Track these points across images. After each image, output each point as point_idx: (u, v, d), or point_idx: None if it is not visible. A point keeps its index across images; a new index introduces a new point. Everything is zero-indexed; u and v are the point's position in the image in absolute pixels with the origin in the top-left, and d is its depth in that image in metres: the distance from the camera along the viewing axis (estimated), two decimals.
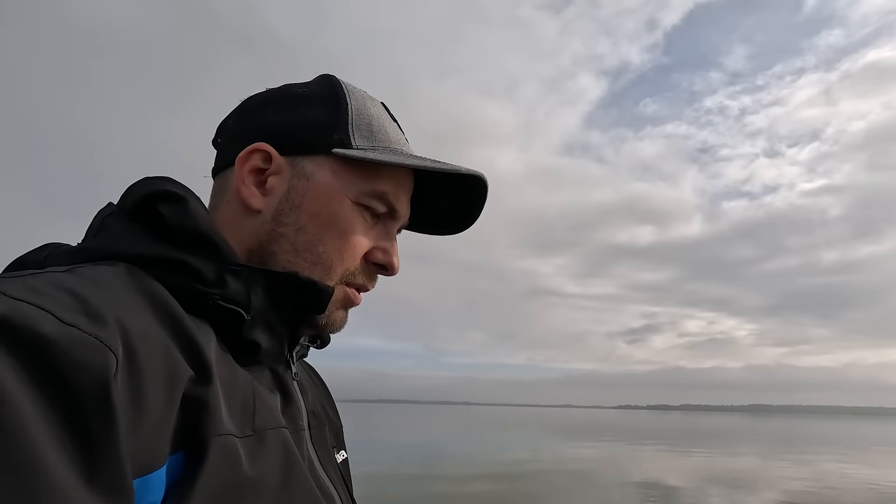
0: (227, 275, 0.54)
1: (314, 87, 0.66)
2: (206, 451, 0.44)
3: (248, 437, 0.50)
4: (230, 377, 0.52)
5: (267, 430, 0.53)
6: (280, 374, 0.62)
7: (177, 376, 0.44)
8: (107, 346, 0.38)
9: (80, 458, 0.35)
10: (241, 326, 0.55)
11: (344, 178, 0.62)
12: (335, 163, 0.62)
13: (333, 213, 0.61)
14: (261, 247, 0.61)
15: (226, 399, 0.49)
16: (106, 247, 0.52)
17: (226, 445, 0.46)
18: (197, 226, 0.55)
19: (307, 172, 0.61)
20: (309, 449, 0.62)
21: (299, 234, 0.61)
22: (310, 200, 0.61)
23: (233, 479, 0.46)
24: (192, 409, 0.45)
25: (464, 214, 0.74)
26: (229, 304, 0.54)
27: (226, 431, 0.46)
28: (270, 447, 0.52)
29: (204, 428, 0.45)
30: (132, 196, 0.56)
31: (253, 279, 0.56)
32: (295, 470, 0.54)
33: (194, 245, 0.54)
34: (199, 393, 0.45)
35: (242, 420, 0.50)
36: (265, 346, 0.57)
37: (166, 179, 0.57)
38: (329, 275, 0.61)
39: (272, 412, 0.55)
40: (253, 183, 0.62)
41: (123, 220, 0.55)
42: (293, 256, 0.60)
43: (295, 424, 0.60)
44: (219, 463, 0.45)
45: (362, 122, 0.64)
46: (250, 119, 0.65)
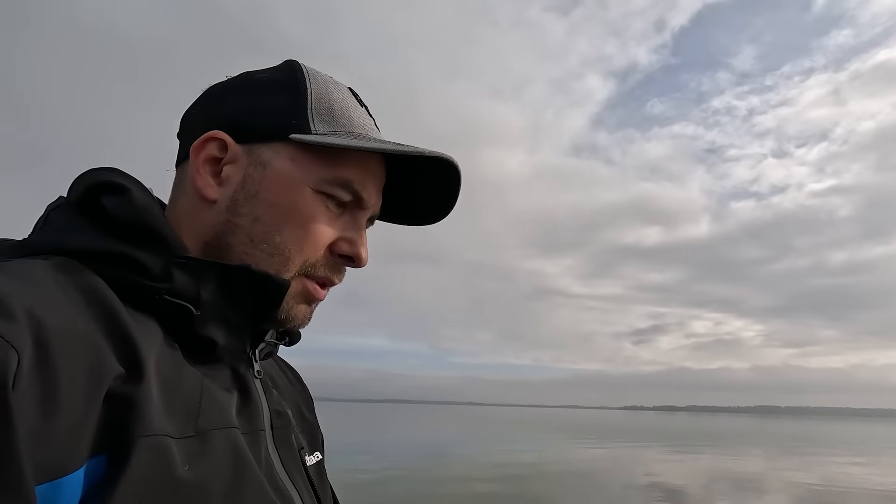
0: (173, 268, 0.52)
1: (274, 72, 0.63)
2: (131, 452, 0.41)
3: (188, 437, 0.47)
4: (173, 375, 0.49)
5: (213, 431, 0.50)
6: (241, 373, 0.60)
7: (101, 374, 0.41)
8: (8, 342, 0.36)
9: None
10: (191, 322, 0.52)
11: (303, 166, 0.59)
12: (294, 149, 0.59)
13: (292, 202, 0.58)
14: (216, 239, 0.58)
15: (164, 398, 0.46)
16: (48, 241, 0.51)
17: (155, 447, 0.43)
18: (141, 217, 0.53)
19: (264, 160, 0.59)
20: (269, 450, 0.59)
21: (255, 224, 0.58)
22: (266, 189, 0.58)
23: (164, 482, 0.43)
24: (119, 409, 0.42)
25: (439, 203, 0.70)
26: (176, 298, 0.51)
27: (157, 432, 0.44)
28: (216, 448, 0.49)
29: (130, 428, 0.42)
30: (77, 188, 0.54)
31: (202, 273, 0.54)
32: (245, 472, 0.51)
33: (139, 238, 0.52)
34: (127, 392, 0.43)
35: (184, 420, 0.48)
36: (221, 342, 0.55)
37: (111, 170, 0.55)
38: (287, 266, 0.58)
39: (222, 412, 0.52)
40: (208, 173, 0.59)
41: (68, 213, 0.53)
42: (249, 248, 0.58)
43: (251, 425, 0.57)
44: (145, 465, 0.42)
45: (322, 107, 0.61)
46: (209, 108, 0.63)
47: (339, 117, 0.61)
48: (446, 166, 0.64)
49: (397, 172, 0.67)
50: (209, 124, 0.60)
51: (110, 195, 0.53)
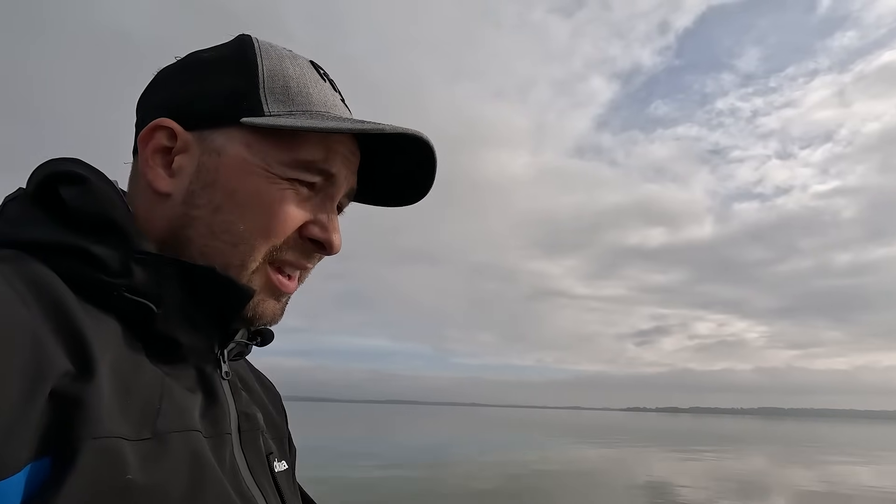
0: (133, 264, 0.49)
1: (223, 50, 0.59)
2: (77, 455, 0.38)
3: (144, 440, 0.44)
4: (130, 374, 0.46)
5: (171, 433, 0.47)
6: (207, 374, 0.56)
7: (43, 370, 0.38)
8: None
9: None
10: (152, 321, 0.49)
11: (260, 151, 0.54)
12: (248, 134, 0.54)
13: (254, 189, 0.54)
14: (173, 232, 0.55)
15: (118, 398, 0.43)
16: (2, 233, 0.48)
17: (105, 449, 0.40)
18: (100, 209, 0.50)
19: (217, 147, 0.54)
20: (235, 454, 0.55)
21: (216, 214, 0.54)
22: (224, 177, 0.54)
23: (113, 486, 0.40)
24: (65, 409, 0.39)
25: (417, 181, 0.66)
26: (135, 296, 0.48)
27: (108, 434, 0.41)
28: (174, 451, 0.46)
29: (77, 429, 0.39)
30: (34, 179, 0.51)
31: (164, 270, 0.50)
32: (206, 476, 0.48)
33: (97, 231, 0.49)
34: (75, 390, 0.40)
35: (140, 421, 0.44)
36: (185, 342, 0.52)
37: (72, 160, 0.52)
38: (252, 255, 0.55)
39: (183, 414, 0.49)
40: (159, 164, 0.55)
41: (24, 205, 0.50)
42: (210, 239, 0.54)
43: (216, 428, 0.53)
44: (93, 468, 0.39)
45: (276, 85, 0.56)
46: (156, 94, 0.59)
47: (296, 95, 0.56)
48: (419, 143, 0.59)
49: (371, 151, 0.63)
50: (156, 112, 0.56)
51: (68, 185, 0.50)
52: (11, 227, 0.49)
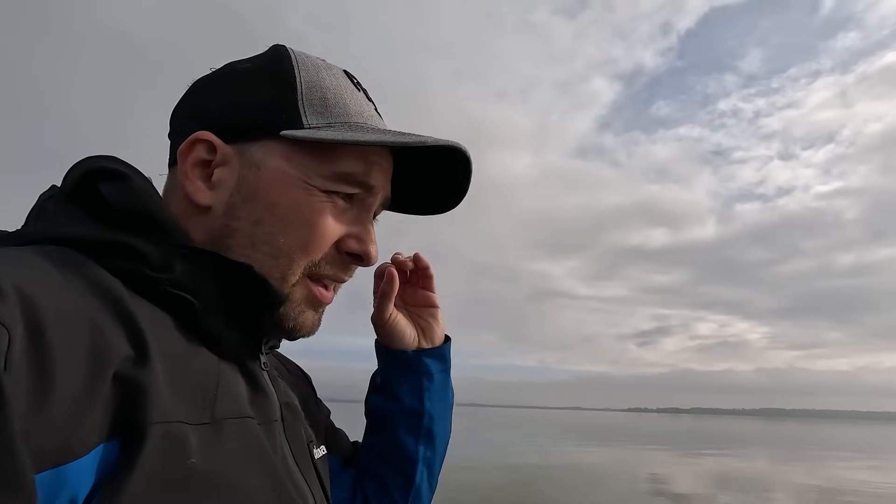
0: (174, 259, 0.49)
1: (259, 61, 0.59)
2: (145, 437, 0.39)
3: (203, 424, 0.45)
4: (185, 362, 0.47)
5: (228, 419, 0.48)
6: (247, 365, 0.57)
7: (106, 354, 0.39)
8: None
9: None
10: (193, 314, 0.50)
11: (300, 164, 0.55)
12: (287, 147, 0.54)
13: (294, 202, 0.54)
14: (213, 242, 0.55)
15: (177, 384, 0.44)
16: (42, 231, 0.48)
17: (170, 433, 0.41)
18: (141, 205, 0.50)
19: (257, 161, 0.55)
20: (282, 441, 0.57)
21: (257, 227, 0.54)
22: (264, 191, 0.54)
23: (178, 469, 0.41)
24: (129, 393, 0.39)
25: (451, 190, 0.67)
26: (177, 290, 0.49)
27: (171, 418, 0.42)
28: (231, 437, 0.47)
29: (143, 413, 0.40)
30: (72, 176, 0.51)
31: (204, 264, 0.51)
32: (261, 462, 0.49)
33: (139, 226, 0.49)
34: (136, 374, 0.40)
35: (200, 407, 0.46)
36: (223, 335, 0.52)
37: (109, 157, 0.53)
38: (291, 269, 0.55)
39: (236, 400, 0.51)
40: (198, 177, 0.55)
41: (63, 203, 0.51)
42: (250, 251, 0.54)
43: (265, 415, 0.55)
44: (161, 451, 0.40)
45: (314, 97, 0.56)
46: (193, 105, 0.59)
47: (334, 107, 0.57)
48: (456, 154, 0.60)
49: (403, 160, 0.63)
50: (195, 124, 0.56)
51: (108, 182, 0.50)
52: (53, 224, 0.49)
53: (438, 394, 0.81)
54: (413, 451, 0.79)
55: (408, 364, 0.79)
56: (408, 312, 0.81)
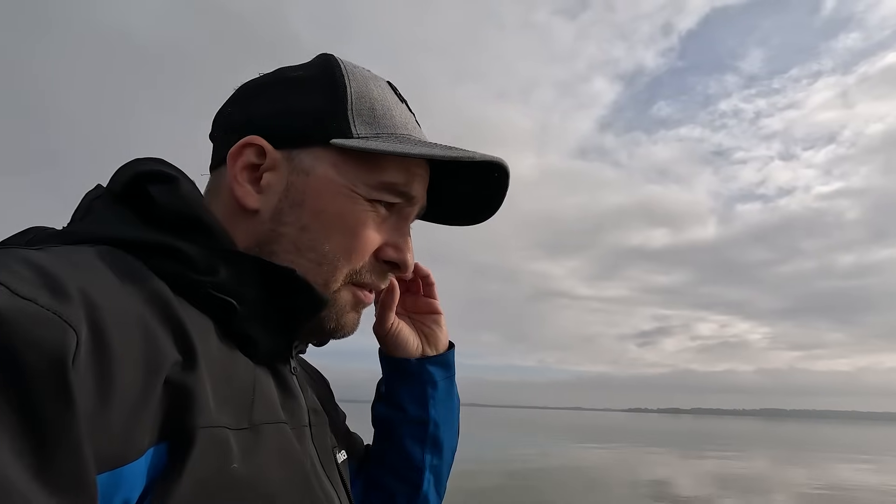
0: (218, 262, 0.50)
1: (310, 69, 0.60)
2: (193, 442, 0.40)
3: (243, 429, 0.46)
4: (228, 366, 0.48)
5: (265, 424, 0.49)
6: (278, 370, 0.58)
7: (158, 358, 0.40)
8: (67, 322, 0.34)
9: (30, 447, 0.31)
10: (233, 318, 0.50)
11: (347, 172, 0.56)
12: (335, 155, 0.56)
13: (340, 210, 0.56)
14: (258, 246, 0.56)
15: (220, 388, 0.45)
16: (91, 230, 0.48)
17: (215, 437, 0.42)
18: (188, 208, 0.51)
19: (305, 167, 0.56)
20: (310, 447, 0.58)
21: (303, 233, 0.56)
22: (312, 198, 0.56)
23: (223, 473, 0.42)
24: (177, 397, 0.40)
25: (484, 202, 0.69)
26: (220, 293, 0.49)
27: (216, 423, 0.43)
28: (268, 442, 0.48)
29: (191, 417, 0.41)
30: (121, 177, 0.52)
31: (246, 268, 0.52)
32: (295, 467, 0.51)
33: (185, 229, 0.50)
34: (185, 379, 0.41)
35: (238, 412, 0.47)
36: (260, 340, 0.53)
37: (157, 160, 0.54)
38: (335, 276, 0.57)
39: (272, 406, 0.52)
40: (247, 180, 0.57)
41: (111, 203, 0.51)
42: (295, 256, 0.55)
43: (296, 420, 0.56)
44: (207, 456, 0.41)
45: (364, 107, 0.57)
46: (243, 109, 0.60)
47: (381, 118, 0.58)
48: (494, 167, 0.62)
49: (439, 171, 0.65)
50: (245, 128, 0.57)
51: (157, 184, 0.51)
52: (102, 225, 0.49)
53: (443, 401, 0.81)
54: (419, 459, 0.79)
55: (411, 373, 0.79)
56: (410, 320, 0.81)
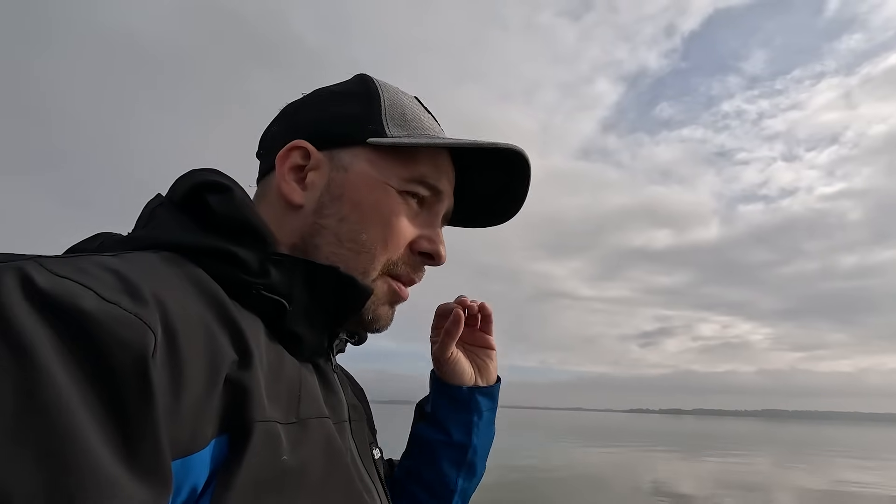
0: (270, 265, 0.55)
1: (347, 84, 0.67)
2: (251, 435, 0.44)
3: (291, 423, 0.49)
4: (277, 364, 0.52)
5: (311, 419, 0.53)
6: (321, 366, 0.62)
7: (219, 358, 0.43)
8: (147, 324, 0.38)
9: (118, 437, 0.34)
10: (283, 317, 0.55)
11: (382, 167, 0.62)
12: (371, 152, 0.62)
13: (376, 201, 0.61)
14: (303, 241, 0.61)
15: (270, 385, 0.49)
16: (155, 236, 0.53)
17: (269, 431, 0.46)
18: (242, 215, 0.55)
19: (345, 164, 0.62)
20: (350, 441, 0.61)
21: (342, 224, 0.61)
22: (350, 190, 0.61)
23: (276, 465, 0.46)
24: (236, 393, 0.44)
25: (509, 199, 0.74)
26: (272, 294, 0.54)
27: (269, 418, 0.46)
28: (314, 436, 0.52)
29: (248, 412, 0.44)
30: (181, 187, 0.57)
31: (294, 270, 0.56)
32: (338, 461, 0.54)
33: (239, 234, 0.55)
34: (242, 377, 0.45)
35: (287, 407, 0.50)
36: (306, 337, 0.57)
37: (214, 171, 0.58)
38: (373, 264, 0.61)
39: (316, 401, 0.56)
40: (293, 179, 0.62)
41: (172, 211, 0.56)
42: (336, 247, 0.60)
43: (336, 415, 0.60)
44: (262, 448, 0.44)
45: (395, 113, 0.64)
46: (288, 123, 0.67)
47: (411, 121, 0.65)
48: (513, 164, 0.67)
49: (467, 176, 0.70)
50: (290, 136, 0.63)
51: (214, 193, 0.55)
52: (165, 231, 0.54)
53: (485, 430, 0.86)
54: (453, 481, 0.83)
55: (461, 400, 0.84)
56: (465, 351, 0.86)
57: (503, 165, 0.68)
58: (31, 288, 0.36)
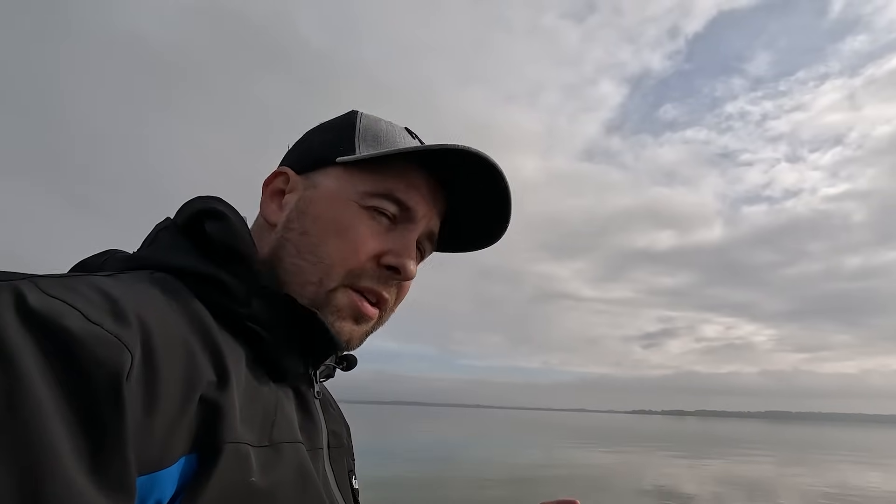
0: (254, 296, 0.58)
1: (336, 118, 0.71)
2: (219, 455, 0.45)
3: (263, 447, 0.51)
4: (254, 388, 0.54)
5: (284, 444, 0.54)
6: (302, 392, 0.64)
7: (195, 378, 0.46)
8: (125, 344, 0.41)
9: (88, 449, 0.37)
10: (262, 346, 0.57)
11: (347, 182, 0.64)
12: (341, 171, 0.64)
13: (336, 214, 0.63)
14: (272, 254, 0.63)
15: (246, 407, 0.51)
16: (155, 257, 0.57)
17: (239, 452, 0.47)
18: (236, 244, 0.59)
19: (315, 182, 0.65)
20: (326, 468, 0.62)
21: (303, 237, 0.63)
22: (314, 206, 0.64)
23: (243, 486, 0.47)
24: (209, 413, 0.46)
25: (494, 217, 0.72)
26: (253, 323, 0.57)
27: (240, 439, 0.48)
28: (285, 460, 0.53)
29: (218, 433, 0.46)
30: (185, 212, 0.61)
31: (276, 304, 0.59)
32: (308, 486, 0.55)
33: (230, 261, 0.58)
34: (217, 397, 0.47)
35: (261, 430, 0.52)
36: (287, 365, 0.60)
37: (216, 199, 0.62)
38: (329, 274, 0.62)
39: (291, 426, 0.57)
40: (273, 202, 0.67)
41: (174, 234, 0.60)
42: (296, 258, 0.62)
43: (312, 442, 0.61)
44: (230, 468, 0.46)
45: (369, 135, 0.67)
46: (286, 157, 0.72)
47: (384, 141, 0.67)
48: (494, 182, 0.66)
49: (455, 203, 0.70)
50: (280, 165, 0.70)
51: (212, 221, 0.59)
52: (165, 253, 0.58)
53: None
54: None
55: None
56: None
57: (485, 183, 0.67)
58: (23, 306, 0.39)
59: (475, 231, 0.75)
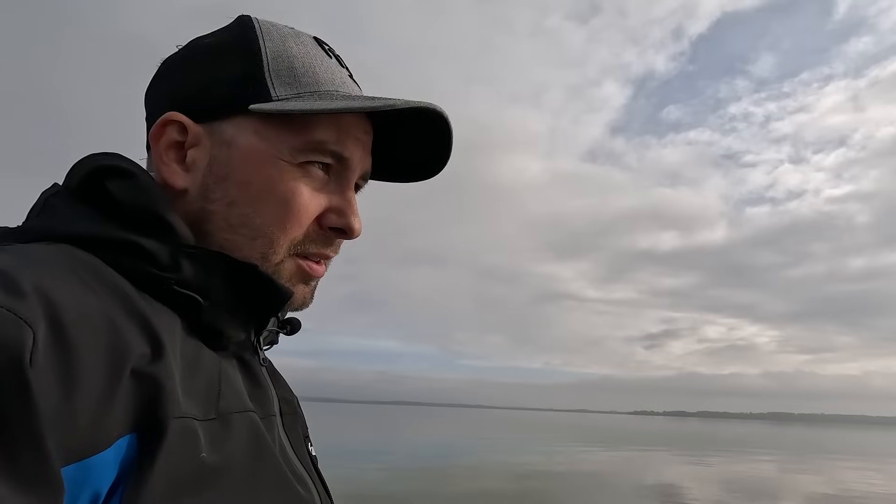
0: (182, 258, 0.49)
1: (223, 34, 0.57)
2: (164, 433, 0.40)
3: (210, 420, 0.46)
4: (193, 358, 0.48)
5: (233, 414, 0.49)
6: (247, 361, 0.58)
7: (122, 351, 0.39)
8: (22, 319, 0.34)
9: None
10: (198, 312, 0.50)
11: (271, 137, 0.53)
12: (257, 121, 0.53)
13: (266, 179, 0.53)
14: (193, 228, 0.53)
15: (186, 380, 0.45)
16: (49, 227, 0.47)
17: (186, 428, 0.42)
18: (149, 204, 0.50)
19: (227, 138, 0.54)
20: (280, 435, 0.57)
21: (232, 208, 0.53)
22: (236, 169, 0.53)
23: (192, 464, 0.42)
24: (146, 389, 0.40)
25: (434, 153, 0.64)
26: (185, 289, 0.49)
27: (185, 414, 0.42)
28: (236, 431, 0.48)
29: (160, 409, 0.40)
30: (77, 173, 0.51)
31: (210, 264, 0.51)
32: (264, 454, 0.50)
33: (146, 225, 0.49)
34: (152, 371, 0.41)
35: (206, 403, 0.46)
36: (228, 332, 0.52)
37: (114, 154, 0.52)
38: (272, 248, 0.54)
39: (239, 395, 0.51)
40: (173, 160, 0.54)
41: (67, 199, 0.50)
42: (229, 233, 0.54)
43: (264, 409, 0.55)
44: (177, 447, 0.40)
45: (282, 67, 0.54)
46: (162, 86, 0.58)
47: (302, 76, 0.55)
48: (433, 115, 0.58)
49: (383, 126, 0.61)
50: (165, 105, 0.55)
51: (116, 179, 0.50)
52: (61, 221, 0.48)
53: None
54: None
55: None
56: None
57: (425, 121, 0.59)
58: None
59: (409, 167, 0.67)
